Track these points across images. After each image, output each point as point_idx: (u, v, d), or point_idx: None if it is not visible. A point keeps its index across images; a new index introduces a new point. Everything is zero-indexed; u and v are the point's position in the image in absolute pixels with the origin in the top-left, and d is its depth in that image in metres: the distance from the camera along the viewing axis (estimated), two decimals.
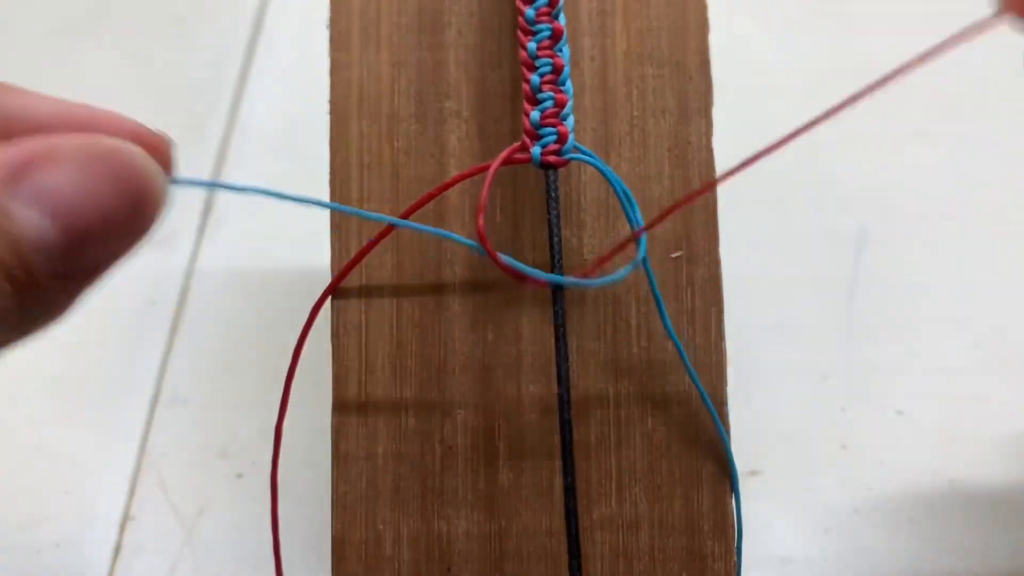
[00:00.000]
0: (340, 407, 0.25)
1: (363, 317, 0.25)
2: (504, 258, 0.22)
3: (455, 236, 0.23)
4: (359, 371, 0.25)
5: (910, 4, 0.44)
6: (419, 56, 0.26)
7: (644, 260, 0.24)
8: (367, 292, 0.25)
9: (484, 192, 0.22)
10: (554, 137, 0.23)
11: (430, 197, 0.24)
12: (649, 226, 0.24)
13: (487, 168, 0.23)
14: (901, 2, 0.44)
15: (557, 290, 0.23)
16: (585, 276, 0.23)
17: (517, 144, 0.24)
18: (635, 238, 0.23)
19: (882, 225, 0.40)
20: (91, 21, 0.49)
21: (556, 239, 0.23)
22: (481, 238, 0.21)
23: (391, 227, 0.24)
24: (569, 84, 0.24)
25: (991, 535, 0.33)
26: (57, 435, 0.37)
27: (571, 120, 0.24)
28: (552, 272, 0.23)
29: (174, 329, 0.39)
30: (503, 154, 0.23)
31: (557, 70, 0.24)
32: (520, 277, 0.22)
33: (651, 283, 0.24)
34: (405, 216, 0.24)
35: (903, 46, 0.45)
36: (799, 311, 0.38)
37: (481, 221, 0.21)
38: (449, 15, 0.26)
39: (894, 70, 0.20)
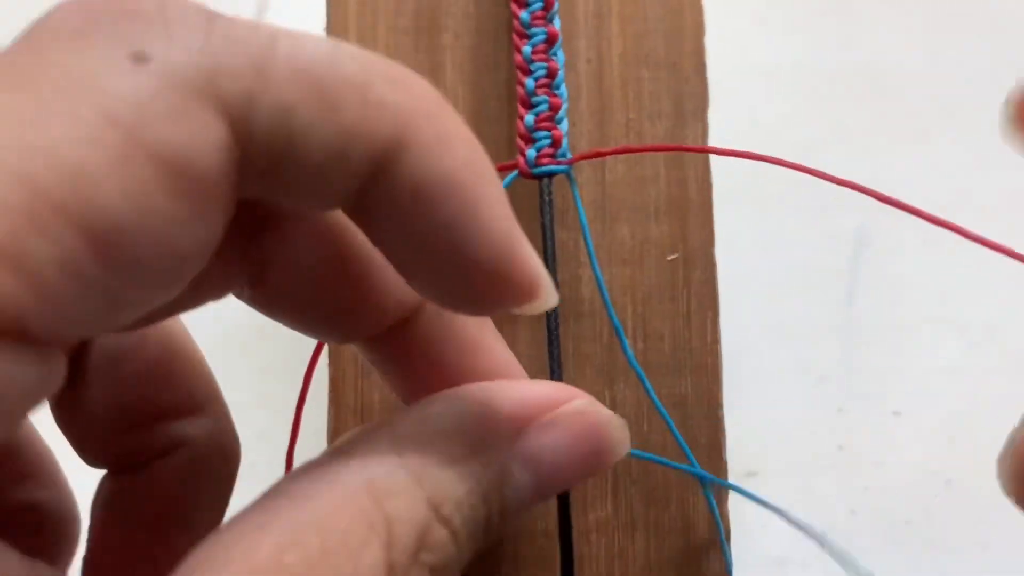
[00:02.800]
0: (337, 408, 0.25)
1: None
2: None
3: None
4: (355, 373, 0.25)
5: (908, 7, 0.44)
6: (416, 59, 0.26)
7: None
8: None
9: None
10: (548, 141, 0.23)
11: None
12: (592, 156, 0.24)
13: None
14: (899, 5, 0.44)
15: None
16: None
17: (510, 162, 0.24)
18: None
19: (880, 225, 0.40)
20: None
21: (550, 245, 0.23)
22: None
23: None
24: (563, 88, 0.24)
25: (988, 536, 0.33)
26: (57, 435, 0.37)
27: (565, 124, 0.24)
28: None
29: None
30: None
31: (551, 74, 0.24)
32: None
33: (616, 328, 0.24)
34: None
35: (901, 49, 0.45)
36: (796, 312, 0.38)
37: None
38: (446, 18, 0.26)
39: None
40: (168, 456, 0.20)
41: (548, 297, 0.17)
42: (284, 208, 0.17)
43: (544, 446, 0.18)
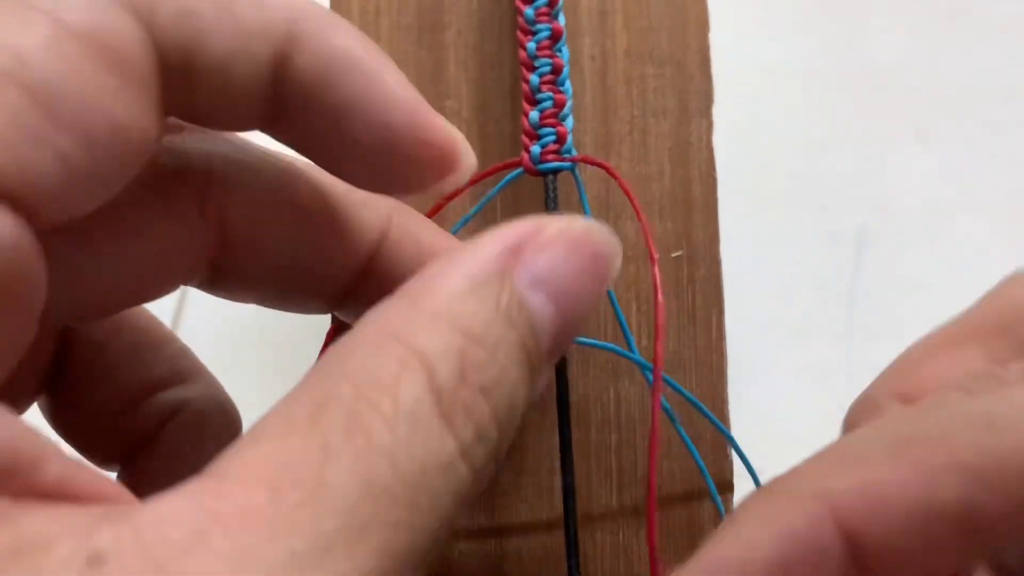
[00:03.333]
0: None
1: None
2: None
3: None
4: None
5: (912, 6, 0.44)
6: (419, 56, 0.26)
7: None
8: None
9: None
10: (553, 137, 0.23)
11: (439, 208, 0.24)
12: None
13: (488, 174, 0.23)
14: (903, 4, 0.44)
15: None
16: None
17: (515, 159, 0.24)
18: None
19: (882, 224, 0.40)
20: None
21: None
22: None
23: None
24: (568, 84, 0.24)
25: None
26: (55, 435, 0.37)
27: (570, 120, 0.24)
28: None
29: (174, 329, 0.39)
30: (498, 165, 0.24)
31: (556, 70, 0.24)
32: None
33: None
34: None
35: (905, 45, 0.45)
36: (799, 310, 0.38)
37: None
38: (449, 15, 0.26)
39: None
40: (169, 423, 0.21)
41: (467, 157, 0.18)
42: (213, 129, 0.18)
43: (545, 263, 0.17)
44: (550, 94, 0.23)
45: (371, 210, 0.20)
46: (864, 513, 0.17)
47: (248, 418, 0.35)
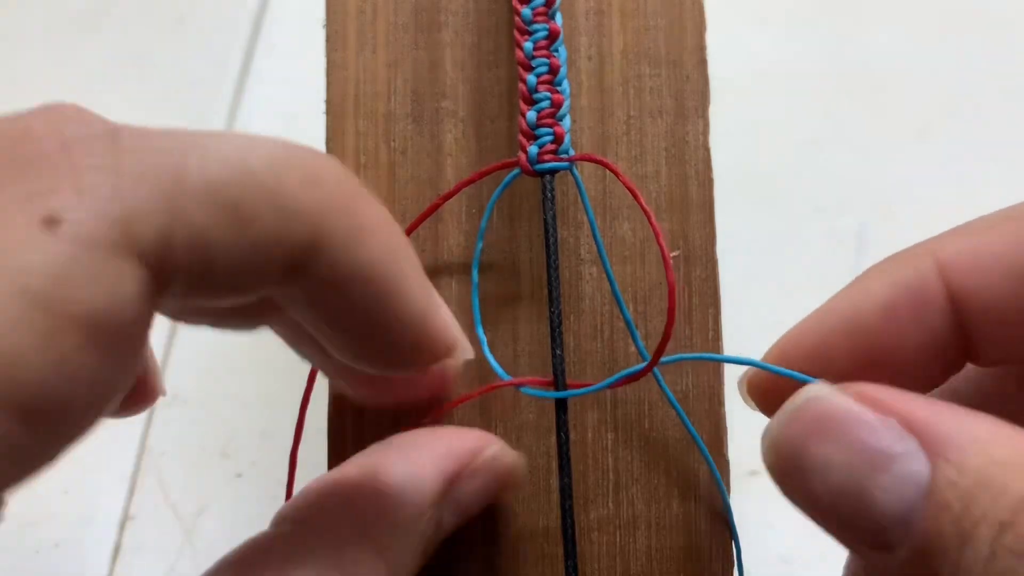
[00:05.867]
0: (337, 407, 0.25)
1: None
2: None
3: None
4: None
5: (909, 6, 0.44)
6: (415, 56, 0.26)
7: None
8: None
9: None
10: (550, 137, 0.23)
11: (434, 208, 0.24)
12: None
13: (484, 174, 0.23)
14: (901, 4, 0.44)
15: (554, 289, 0.23)
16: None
17: (512, 159, 0.24)
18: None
19: (882, 225, 0.40)
20: (91, 20, 0.49)
21: (552, 242, 0.23)
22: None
23: None
24: (566, 84, 0.24)
25: None
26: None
27: (568, 120, 0.24)
28: (548, 269, 0.23)
29: (174, 329, 0.39)
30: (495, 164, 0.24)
31: (554, 70, 0.24)
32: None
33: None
34: (412, 228, 0.25)
35: (901, 45, 0.45)
36: (797, 311, 0.37)
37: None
38: (445, 14, 0.26)
39: None
40: None
41: (464, 354, 0.21)
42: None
43: (469, 493, 0.22)
44: (547, 94, 0.23)
45: None
46: (967, 269, 0.19)
47: (248, 417, 0.35)
